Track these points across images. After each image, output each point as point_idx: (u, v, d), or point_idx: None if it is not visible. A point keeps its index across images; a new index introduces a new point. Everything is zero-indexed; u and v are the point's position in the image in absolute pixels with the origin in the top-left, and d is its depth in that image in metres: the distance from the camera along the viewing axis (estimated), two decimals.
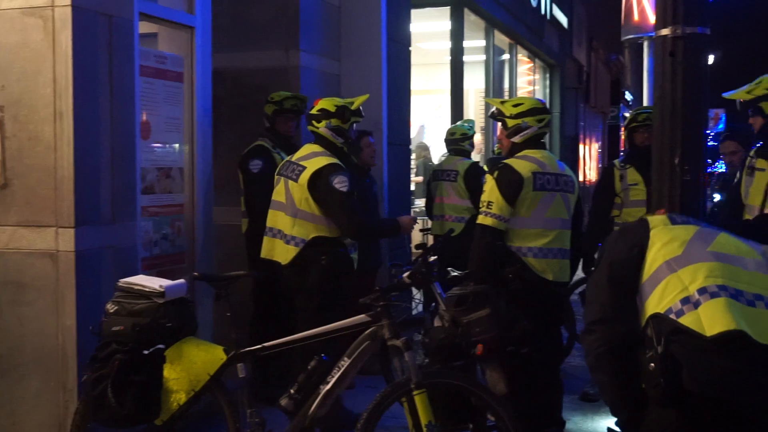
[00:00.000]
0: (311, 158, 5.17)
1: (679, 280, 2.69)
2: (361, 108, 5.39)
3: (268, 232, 5.39)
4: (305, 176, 5.05)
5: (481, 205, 4.85)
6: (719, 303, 2.58)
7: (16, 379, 4.68)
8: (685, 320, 2.61)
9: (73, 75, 4.51)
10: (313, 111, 5.34)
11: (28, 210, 4.62)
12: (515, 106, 4.96)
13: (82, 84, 4.58)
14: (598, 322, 2.83)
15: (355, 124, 5.44)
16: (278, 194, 5.31)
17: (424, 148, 12.18)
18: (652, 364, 2.62)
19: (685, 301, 2.65)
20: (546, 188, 4.78)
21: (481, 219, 4.82)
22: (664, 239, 2.82)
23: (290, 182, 5.17)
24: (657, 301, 2.71)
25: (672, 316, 2.65)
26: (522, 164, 4.79)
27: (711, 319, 2.57)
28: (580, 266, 5.55)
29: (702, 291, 2.63)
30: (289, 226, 5.17)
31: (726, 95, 4.89)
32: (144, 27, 5.32)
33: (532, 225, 4.78)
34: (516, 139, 4.92)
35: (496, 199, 4.74)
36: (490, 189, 4.79)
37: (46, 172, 4.57)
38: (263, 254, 5.40)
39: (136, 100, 5.06)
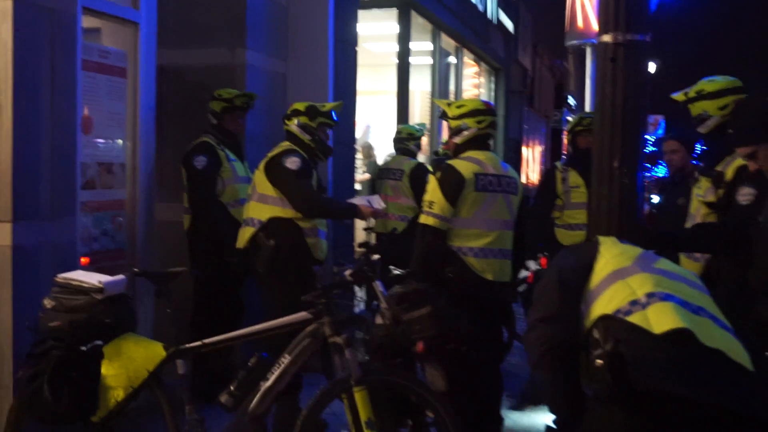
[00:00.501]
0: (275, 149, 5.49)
1: (628, 285, 2.76)
2: (333, 113, 5.60)
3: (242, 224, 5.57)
4: (264, 161, 5.37)
5: (423, 205, 4.89)
6: (667, 306, 2.65)
7: None
8: (634, 318, 2.67)
9: (13, 68, 4.43)
10: (288, 111, 5.64)
11: None
12: (458, 107, 5.01)
13: (22, 77, 4.50)
14: (543, 320, 2.86)
15: (327, 128, 5.65)
16: (251, 186, 5.54)
17: (370, 147, 12.19)
18: (600, 361, 2.67)
19: (634, 303, 2.71)
20: (488, 189, 4.80)
21: (423, 218, 4.84)
22: (614, 252, 2.94)
23: (256, 170, 5.46)
24: (605, 304, 2.76)
25: (620, 315, 2.70)
26: (464, 165, 4.81)
27: (659, 318, 2.63)
28: None
29: (651, 295, 2.70)
30: (249, 209, 5.41)
31: (673, 95, 5.00)
32: (87, 21, 5.24)
33: (473, 225, 4.79)
34: (456, 139, 4.97)
35: (438, 200, 4.77)
36: (432, 189, 4.82)
37: None
38: (237, 245, 5.51)
39: (78, 95, 4.98)
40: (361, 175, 11.09)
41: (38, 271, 4.60)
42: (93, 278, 4.04)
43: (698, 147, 6.36)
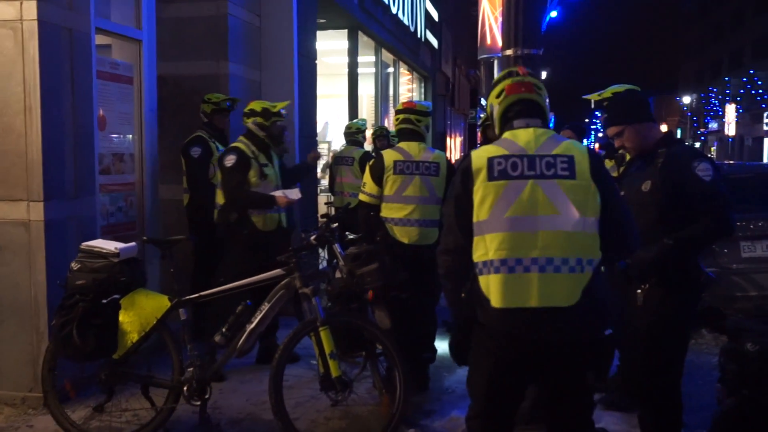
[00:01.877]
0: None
1: (484, 243, 2.65)
2: (282, 111, 5.45)
3: None
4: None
5: (361, 185, 4.99)
6: (500, 280, 2.59)
7: None
8: (482, 282, 2.65)
9: (39, 77, 4.35)
10: (246, 110, 5.44)
11: (4, 187, 4.44)
12: (398, 107, 5.09)
13: (48, 84, 4.40)
14: (448, 251, 2.76)
15: (278, 123, 5.44)
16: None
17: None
18: (463, 295, 2.74)
19: (485, 263, 2.65)
20: (404, 172, 4.83)
21: (360, 196, 5.02)
22: (479, 196, 2.66)
23: None
24: (474, 249, 2.70)
25: (476, 270, 2.68)
26: (389, 154, 4.90)
27: (494, 294, 2.61)
28: None
29: (492, 263, 2.61)
30: (217, 194, 5.45)
31: (586, 96, 5.07)
32: (100, 39, 5.12)
33: (394, 200, 4.85)
34: (394, 131, 5.04)
35: (368, 181, 4.90)
36: (366, 173, 4.96)
37: (19, 157, 4.40)
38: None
39: (94, 99, 4.90)
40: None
41: (66, 241, 4.53)
42: (110, 245, 3.97)
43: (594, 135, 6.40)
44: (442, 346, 5.33)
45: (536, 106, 2.79)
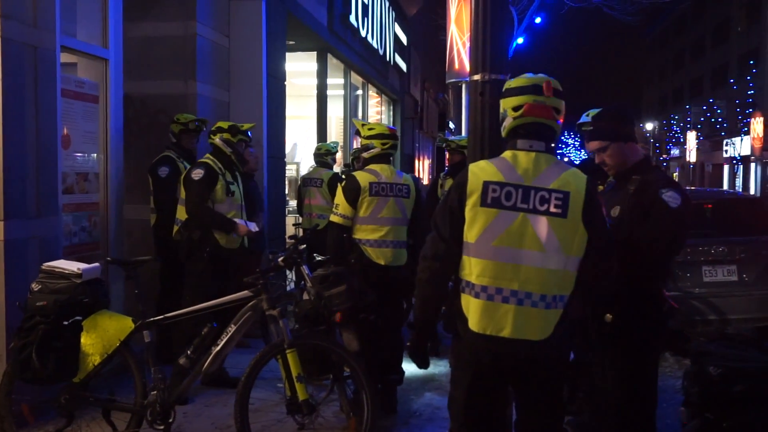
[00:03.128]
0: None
1: (469, 263, 2.70)
2: (249, 131, 5.61)
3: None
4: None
5: (333, 207, 4.93)
6: (479, 306, 2.65)
7: None
8: (463, 300, 2.71)
9: (2, 94, 4.26)
10: (213, 128, 5.52)
11: None
12: (369, 129, 5.04)
13: (11, 102, 4.34)
14: (438, 257, 2.76)
15: (244, 143, 5.54)
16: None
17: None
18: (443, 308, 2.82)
19: (468, 283, 2.70)
20: (380, 194, 4.83)
21: (332, 217, 4.92)
22: (470, 217, 2.69)
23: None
24: (461, 265, 2.73)
25: (460, 286, 2.73)
26: (363, 176, 4.87)
27: (472, 317, 2.67)
28: None
29: (474, 286, 2.67)
30: (178, 210, 5.43)
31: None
32: (65, 57, 5.08)
33: (369, 222, 4.83)
34: (365, 155, 5.02)
35: (342, 202, 4.84)
36: (338, 194, 4.90)
37: None
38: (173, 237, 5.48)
39: (58, 117, 4.83)
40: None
41: (26, 261, 4.44)
42: (73, 266, 3.90)
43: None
44: (409, 368, 5.33)
45: (548, 129, 2.78)
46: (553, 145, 2.83)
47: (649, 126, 57.95)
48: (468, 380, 2.75)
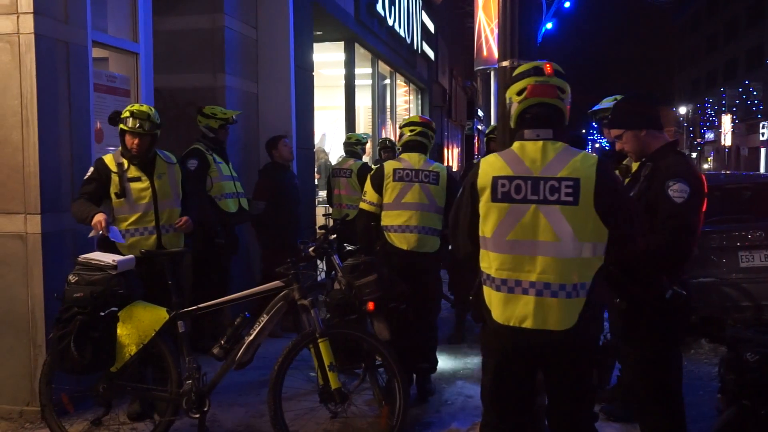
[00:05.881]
0: None
1: (488, 257, 2.73)
2: (233, 117, 6.09)
3: None
4: None
5: (362, 194, 5.09)
6: (501, 298, 2.68)
7: None
8: (486, 292, 2.75)
9: (36, 90, 4.35)
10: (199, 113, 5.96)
11: (1, 201, 4.44)
12: (403, 120, 5.22)
13: (45, 97, 4.41)
14: (467, 254, 2.84)
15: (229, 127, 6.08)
16: None
17: (322, 152, 12.13)
18: (471, 297, 2.87)
19: (489, 276, 2.73)
20: (404, 179, 4.90)
21: (361, 204, 5.10)
22: (483, 212, 2.73)
23: None
24: (480, 258, 2.77)
25: (482, 278, 2.76)
26: (389, 163, 5.01)
27: (495, 309, 2.71)
28: None
29: (494, 280, 2.70)
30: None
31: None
32: (97, 52, 5.14)
33: (394, 208, 4.90)
34: (399, 143, 5.15)
35: (369, 190, 5.00)
36: (367, 182, 5.05)
37: (15, 170, 4.40)
38: None
39: (91, 112, 4.90)
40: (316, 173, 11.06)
41: (63, 253, 4.53)
42: (108, 258, 3.96)
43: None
44: (440, 357, 5.33)
45: (554, 112, 2.76)
46: (562, 129, 2.79)
47: (682, 110, 56.99)
48: (494, 367, 2.79)
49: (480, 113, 29.38)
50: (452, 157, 25.59)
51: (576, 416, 2.78)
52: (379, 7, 11.61)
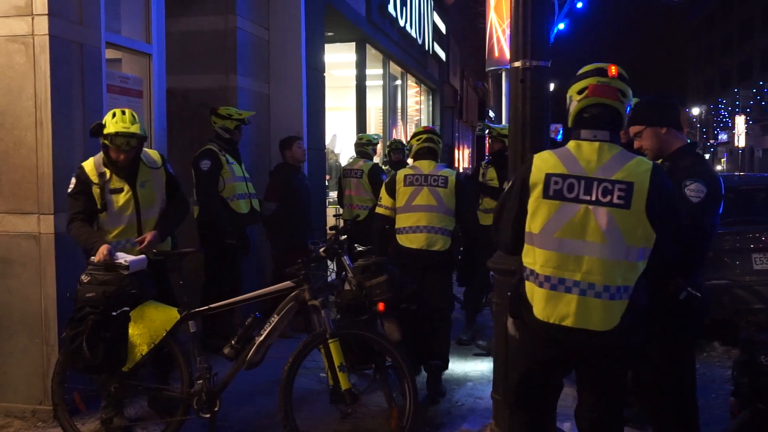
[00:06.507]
0: None
1: (533, 253, 2.74)
2: (246, 118, 6.11)
3: None
4: None
5: (378, 201, 5.37)
6: (543, 295, 2.68)
7: (5, 337, 4.54)
8: (528, 287, 2.75)
9: (51, 91, 4.38)
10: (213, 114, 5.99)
11: (14, 200, 4.47)
12: (411, 135, 5.52)
13: (59, 98, 4.44)
14: (507, 245, 2.90)
15: (242, 127, 6.10)
16: None
17: (332, 152, 12.14)
18: (508, 293, 2.88)
19: (533, 272, 2.73)
20: (414, 184, 5.19)
21: (377, 209, 5.38)
22: (532, 208, 2.74)
23: None
24: (524, 254, 2.78)
25: (525, 273, 2.76)
26: (402, 171, 5.33)
27: (537, 305, 2.71)
28: None
29: (538, 276, 2.71)
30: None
31: None
32: (110, 53, 5.17)
33: (405, 210, 5.19)
34: (410, 155, 5.45)
35: (383, 195, 5.30)
36: (382, 189, 5.35)
37: (29, 170, 4.44)
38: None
39: (104, 112, 4.90)
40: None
41: (75, 253, 4.54)
42: (120, 258, 3.98)
43: None
44: (452, 359, 5.33)
45: (613, 114, 2.75)
46: (620, 132, 2.79)
47: (695, 111, 56.63)
48: (527, 365, 2.81)
49: (491, 114, 29.31)
50: (463, 157, 25.55)
51: (606, 417, 2.79)
52: (390, 7, 11.62)
